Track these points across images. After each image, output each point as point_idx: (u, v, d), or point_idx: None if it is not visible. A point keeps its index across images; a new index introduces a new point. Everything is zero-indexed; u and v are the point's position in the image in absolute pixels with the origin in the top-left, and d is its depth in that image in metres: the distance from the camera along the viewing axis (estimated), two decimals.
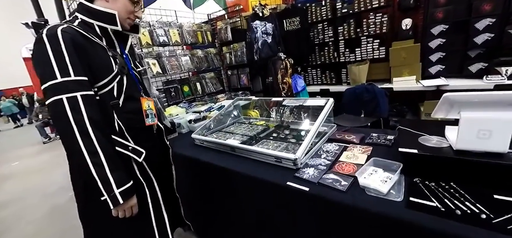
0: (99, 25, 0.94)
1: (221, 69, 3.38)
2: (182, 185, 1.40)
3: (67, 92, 0.80)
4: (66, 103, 0.80)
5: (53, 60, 0.80)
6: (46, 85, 0.80)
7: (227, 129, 1.76)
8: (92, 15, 0.93)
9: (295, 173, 1.05)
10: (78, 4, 0.94)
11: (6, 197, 3.49)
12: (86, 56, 0.87)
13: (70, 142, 0.81)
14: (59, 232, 2.40)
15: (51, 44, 0.81)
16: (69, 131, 0.80)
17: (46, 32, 0.82)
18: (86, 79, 0.85)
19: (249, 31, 2.84)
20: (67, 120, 0.79)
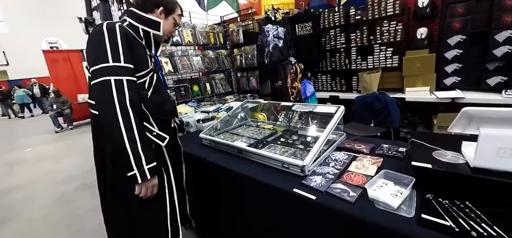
0: (144, 29, 1.08)
1: (231, 71, 3.39)
2: (188, 182, 1.41)
3: (116, 75, 0.91)
4: (113, 84, 0.91)
5: (108, 48, 0.92)
6: (97, 66, 0.91)
7: (235, 130, 1.76)
8: (140, 20, 1.07)
9: (302, 180, 1.03)
10: (129, 10, 1.10)
11: (17, 182, 3.60)
12: (132, 50, 1.00)
13: (111, 117, 0.90)
14: (65, 219, 2.46)
15: (109, 34, 0.94)
16: (112, 108, 0.90)
17: (106, 25, 0.96)
18: (132, 67, 0.98)
19: (260, 34, 2.85)
20: (111, 98, 0.90)
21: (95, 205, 2.62)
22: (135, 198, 1.00)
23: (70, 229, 2.29)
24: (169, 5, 1.13)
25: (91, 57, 0.94)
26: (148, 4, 1.09)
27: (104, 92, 0.90)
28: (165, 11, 1.12)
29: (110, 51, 0.92)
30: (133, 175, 0.93)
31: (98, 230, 2.19)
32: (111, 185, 1.07)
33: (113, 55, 0.92)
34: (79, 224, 2.36)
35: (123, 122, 0.90)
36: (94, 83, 0.92)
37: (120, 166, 0.97)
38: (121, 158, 0.92)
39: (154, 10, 1.10)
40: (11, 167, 4.31)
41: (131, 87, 0.94)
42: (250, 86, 3.24)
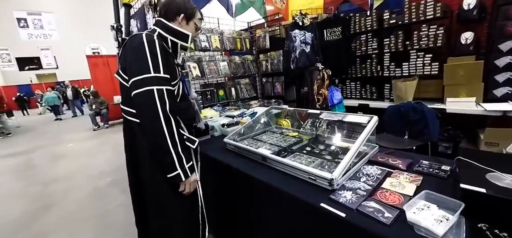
0: (172, 40, 1.13)
1: (256, 76, 3.40)
2: (208, 185, 1.41)
3: (157, 84, 0.98)
4: (156, 93, 0.97)
5: (149, 59, 0.98)
6: (140, 77, 0.97)
7: (259, 136, 1.73)
8: (169, 31, 1.12)
9: (331, 194, 0.96)
10: (158, 21, 1.14)
11: (58, 173, 3.97)
12: (167, 60, 1.05)
13: (155, 124, 0.97)
14: (97, 212, 2.63)
15: (150, 46, 0.99)
16: (156, 115, 0.96)
17: (145, 37, 1.00)
18: (169, 77, 1.04)
19: (287, 40, 2.81)
20: (155, 107, 0.96)
21: (123, 201, 2.77)
22: (174, 196, 1.10)
23: (100, 222, 2.44)
24: (189, 11, 1.17)
25: (133, 68, 0.99)
26: (170, 13, 1.14)
27: (148, 101, 0.96)
28: (185, 17, 1.16)
29: (151, 62, 0.98)
30: (176, 175, 1.02)
31: (125, 227, 2.30)
32: (149, 187, 1.13)
33: (154, 66, 0.98)
34: (109, 218, 2.50)
35: (166, 127, 0.98)
36: (138, 93, 0.97)
37: (161, 168, 1.05)
38: (165, 160, 1.01)
39: (176, 18, 1.14)
40: (55, 159, 4.77)
41: (169, 96, 1.01)
42: (275, 91, 3.20)
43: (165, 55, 1.03)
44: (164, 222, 1.13)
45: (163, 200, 1.11)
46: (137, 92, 0.97)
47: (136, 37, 1.02)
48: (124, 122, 1.15)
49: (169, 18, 1.13)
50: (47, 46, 15.16)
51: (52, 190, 3.34)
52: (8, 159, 5.15)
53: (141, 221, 1.28)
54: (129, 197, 2.66)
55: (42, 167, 4.43)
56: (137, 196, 1.23)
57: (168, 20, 1.12)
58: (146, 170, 1.10)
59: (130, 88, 1.00)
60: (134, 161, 1.15)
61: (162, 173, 1.05)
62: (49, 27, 14.59)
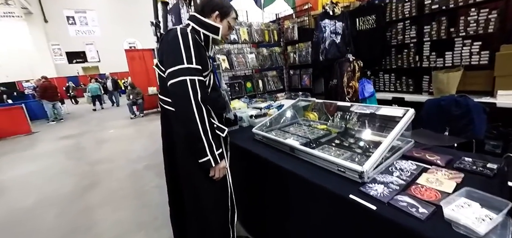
0: (204, 33, 1.19)
1: (283, 68, 3.38)
2: (236, 173, 1.47)
3: (190, 75, 1.05)
4: (188, 83, 1.04)
5: (183, 51, 1.05)
6: (175, 68, 1.05)
7: (287, 128, 1.75)
8: (201, 25, 1.19)
9: (360, 187, 0.95)
10: (192, 16, 1.22)
11: (103, 155, 4.42)
12: (199, 52, 1.11)
13: (188, 112, 1.05)
14: (134, 192, 2.90)
15: (183, 39, 1.07)
16: (189, 103, 1.04)
17: (180, 31, 1.08)
18: (201, 68, 1.10)
19: (316, 30, 2.74)
20: (187, 96, 1.04)
21: (157, 184, 3.00)
22: (205, 180, 1.18)
23: (138, 201, 2.69)
24: (224, 9, 1.23)
25: (169, 59, 1.07)
26: (206, 9, 1.21)
27: (182, 90, 1.04)
28: (220, 15, 1.22)
29: (185, 54, 1.05)
30: (207, 160, 1.10)
31: (158, 206, 2.51)
32: (183, 170, 1.22)
33: (187, 57, 1.05)
34: (145, 198, 2.74)
35: (198, 115, 1.04)
36: (173, 83, 1.05)
37: (193, 153, 1.12)
38: (196, 146, 1.08)
39: (211, 14, 1.21)
40: (100, 143, 5.31)
41: (201, 86, 1.07)
42: (302, 84, 3.16)
43: (198, 47, 1.10)
44: (197, 204, 1.23)
45: (195, 183, 1.20)
46: (172, 82, 1.05)
47: (171, 31, 1.11)
48: (162, 110, 1.25)
49: (204, 14, 1.20)
50: (91, 41, 16.65)
51: (98, 169, 3.75)
52: (62, 141, 5.86)
53: (175, 202, 1.39)
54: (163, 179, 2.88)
55: (89, 149, 4.96)
56: (172, 179, 1.34)
57: (203, 15, 1.19)
58: (180, 155, 1.19)
59: (166, 79, 1.08)
60: (170, 146, 1.25)
61: (194, 158, 1.13)
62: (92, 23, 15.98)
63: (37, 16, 14.78)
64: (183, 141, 1.16)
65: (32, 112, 8.26)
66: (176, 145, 1.21)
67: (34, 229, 2.38)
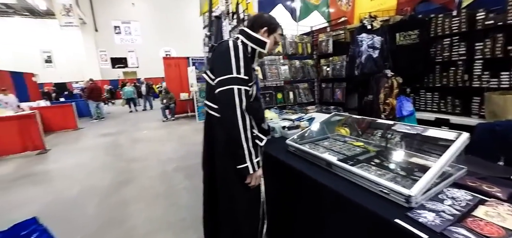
0: (252, 46, 1.27)
1: (315, 81, 3.34)
2: (267, 183, 1.46)
3: (237, 84, 1.11)
4: (235, 92, 1.10)
5: (233, 62, 1.13)
6: (225, 77, 1.12)
7: (320, 142, 1.71)
8: (250, 39, 1.27)
9: (407, 212, 0.89)
10: (242, 30, 1.31)
11: (137, 154, 4.72)
12: (247, 64, 1.18)
13: (232, 119, 1.10)
14: (164, 192, 3.04)
15: (235, 51, 1.15)
16: (234, 111, 1.10)
17: (232, 43, 1.17)
18: (247, 79, 1.16)
19: (353, 44, 2.68)
20: (233, 103, 1.10)
21: (186, 186, 3.11)
22: (241, 186, 1.21)
23: (167, 200, 2.80)
24: (272, 26, 1.30)
25: (220, 68, 1.15)
26: (255, 24, 1.29)
27: (228, 98, 1.10)
28: (268, 30, 1.29)
29: (235, 64, 1.12)
30: (245, 167, 1.14)
31: (186, 207, 2.59)
32: (221, 174, 1.26)
33: (236, 68, 1.12)
34: (174, 198, 2.85)
35: (241, 123, 1.10)
36: (221, 90, 1.12)
37: (232, 159, 1.17)
38: (236, 152, 1.13)
39: (259, 29, 1.28)
40: (135, 142, 5.69)
41: (246, 95, 1.13)
42: (334, 98, 3.09)
43: (246, 59, 1.17)
44: (231, 209, 1.25)
45: (231, 188, 1.23)
46: (220, 90, 1.12)
47: (224, 43, 1.19)
48: (206, 115, 1.32)
49: (253, 29, 1.28)
50: (132, 48, 18.22)
51: (132, 167, 4.01)
52: (102, 138, 6.39)
53: (209, 205, 1.43)
54: (191, 182, 2.99)
55: (125, 147, 5.35)
56: (209, 182, 1.38)
57: (252, 30, 1.27)
58: (219, 158, 1.24)
59: (215, 86, 1.14)
60: (210, 150, 1.31)
61: (233, 164, 1.17)
62: (135, 33, 17.51)
63: (89, 26, 16.62)
64: (223, 146, 1.21)
65: (79, 110, 9.17)
66: (216, 149, 1.25)
67: (77, 216, 2.60)
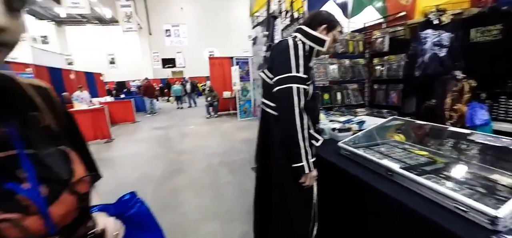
0: (310, 45, 1.24)
1: (365, 82, 3.13)
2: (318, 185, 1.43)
3: (296, 83, 1.11)
4: (294, 90, 1.10)
5: (293, 60, 1.12)
6: (284, 75, 1.13)
7: (376, 147, 1.60)
8: (308, 37, 1.24)
9: (492, 235, 0.77)
10: (300, 28, 1.28)
11: (186, 147, 5.11)
12: (305, 63, 1.17)
13: (291, 117, 1.11)
14: (211, 183, 3.23)
15: (294, 50, 1.14)
16: (292, 109, 1.10)
17: (291, 42, 1.16)
18: (306, 77, 1.16)
19: (414, 41, 2.42)
20: (292, 102, 1.10)
21: (230, 180, 3.25)
22: (295, 185, 1.21)
23: (213, 192, 2.96)
24: (332, 23, 1.26)
25: (279, 67, 1.17)
26: (313, 22, 1.25)
27: (287, 96, 1.11)
28: (327, 28, 1.25)
29: (294, 63, 1.12)
30: (301, 166, 1.13)
31: (231, 201, 2.70)
32: (276, 172, 1.28)
33: (296, 66, 1.12)
34: (219, 190, 3.00)
35: (299, 122, 1.10)
36: (280, 89, 1.13)
37: (288, 157, 1.17)
38: (293, 151, 1.13)
39: (318, 27, 1.24)
40: (183, 136, 6.17)
41: (304, 94, 1.13)
42: (388, 101, 2.84)
43: (304, 58, 1.16)
44: (284, 207, 1.26)
45: (286, 186, 1.24)
46: (279, 88, 1.13)
47: (284, 41, 1.20)
48: (262, 113, 1.35)
49: (311, 27, 1.25)
50: (180, 50, 19.71)
51: (182, 159, 4.36)
52: (155, 131, 7.09)
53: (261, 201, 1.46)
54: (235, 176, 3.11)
55: (175, 140, 5.84)
56: (262, 178, 1.42)
57: (310, 28, 1.25)
58: (275, 156, 1.26)
59: (274, 85, 1.16)
60: (265, 147, 1.34)
61: (287, 162, 1.17)
62: (183, 35, 18.89)
63: (144, 30, 18.57)
64: (279, 144, 1.22)
65: (136, 105, 10.33)
66: (272, 147, 1.28)
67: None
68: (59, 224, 0.42)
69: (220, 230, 2.20)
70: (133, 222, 0.64)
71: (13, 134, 0.43)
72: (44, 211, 0.40)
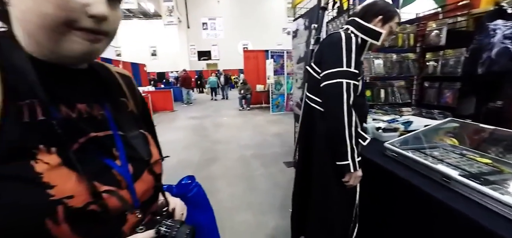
0: (363, 38, 1.17)
1: (414, 79, 2.86)
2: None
3: (347, 78, 1.07)
4: (344, 86, 1.06)
5: (344, 54, 1.08)
6: (333, 70, 1.09)
7: (428, 151, 1.47)
8: (361, 29, 1.16)
9: None
10: (352, 20, 1.21)
11: (220, 137, 5.31)
12: (358, 57, 1.12)
13: (339, 113, 1.06)
14: (243, 174, 3.32)
15: (347, 43, 1.09)
16: (340, 105, 1.06)
17: (344, 35, 1.11)
18: (357, 72, 1.11)
19: (480, 33, 2.12)
20: (340, 98, 1.06)
21: (262, 173, 3.29)
22: (337, 183, 1.18)
23: (246, 183, 3.05)
24: (389, 13, 1.15)
25: (328, 61, 1.12)
26: (368, 13, 1.17)
27: (336, 92, 1.07)
28: (383, 19, 1.15)
29: (345, 57, 1.07)
30: (346, 164, 1.09)
31: (264, 193, 2.75)
32: (318, 168, 1.26)
33: (347, 61, 1.07)
34: (252, 182, 3.07)
35: (347, 118, 1.05)
36: (329, 84, 1.09)
37: (333, 154, 1.14)
38: (339, 148, 1.09)
39: (373, 19, 1.16)
40: (217, 126, 6.43)
41: (354, 90, 1.08)
42: (441, 100, 2.56)
43: (357, 52, 1.11)
44: (325, 206, 1.24)
45: (328, 184, 1.22)
46: (328, 83, 1.10)
47: (335, 34, 1.14)
48: (305, 107, 1.33)
49: (365, 19, 1.18)
50: (216, 43, 20.32)
51: (216, 148, 4.55)
52: (191, 120, 7.50)
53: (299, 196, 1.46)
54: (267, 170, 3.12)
55: (209, 130, 6.11)
56: (303, 173, 1.41)
57: (364, 20, 1.17)
58: (318, 152, 1.24)
59: (321, 79, 1.13)
60: (307, 142, 1.32)
61: (332, 159, 1.14)
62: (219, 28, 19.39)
63: (183, 24, 19.49)
64: (324, 140, 1.19)
65: (174, 95, 11.02)
66: (315, 143, 1.26)
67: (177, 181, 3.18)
68: (140, 200, 0.47)
69: (253, 220, 2.26)
70: (192, 203, 0.69)
71: (109, 116, 0.48)
72: (132, 186, 0.45)
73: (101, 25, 0.39)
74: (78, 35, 0.38)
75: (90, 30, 0.38)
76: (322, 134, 1.20)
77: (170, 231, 0.44)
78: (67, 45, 0.37)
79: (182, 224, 0.45)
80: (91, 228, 0.39)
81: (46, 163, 0.35)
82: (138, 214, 0.45)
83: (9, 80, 0.35)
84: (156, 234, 0.43)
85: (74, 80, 0.45)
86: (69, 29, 0.37)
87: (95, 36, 0.39)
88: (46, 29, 0.35)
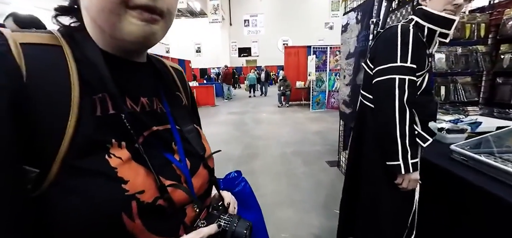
0: (430, 27, 1.05)
1: (483, 74, 2.49)
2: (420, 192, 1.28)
3: (400, 74, 1.00)
4: (397, 82, 1.00)
5: (399, 48, 1.01)
6: (385, 66, 1.03)
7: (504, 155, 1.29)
8: (428, 18, 1.05)
9: None
10: (419, 9, 1.10)
11: (260, 133, 5.41)
12: (417, 50, 1.02)
13: (389, 111, 1.01)
14: (285, 172, 3.33)
15: (402, 36, 1.02)
16: (391, 103, 1.00)
17: (400, 27, 1.04)
18: (415, 67, 1.02)
19: None
20: (392, 95, 1.00)
21: (304, 171, 3.27)
22: (387, 185, 1.11)
23: (288, 180, 3.06)
24: None
25: (381, 56, 1.07)
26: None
27: (388, 89, 1.01)
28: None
29: (400, 51, 1.00)
30: (396, 165, 1.01)
31: (306, 191, 2.74)
32: (367, 168, 1.22)
33: (402, 55, 1.00)
34: (294, 179, 3.08)
35: (399, 116, 0.99)
36: (379, 80, 1.04)
37: (383, 154, 1.08)
38: (389, 147, 1.03)
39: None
40: (257, 122, 6.56)
41: (410, 86, 1.00)
42: None
43: (417, 45, 1.01)
44: (374, 209, 1.19)
45: (377, 185, 1.16)
46: (378, 79, 1.05)
47: (391, 28, 1.08)
48: (359, 105, 1.31)
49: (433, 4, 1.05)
50: (256, 39, 20.61)
51: (257, 143, 4.67)
52: (232, 115, 7.80)
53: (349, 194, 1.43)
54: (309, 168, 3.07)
55: (250, 125, 6.28)
56: (352, 169, 1.38)
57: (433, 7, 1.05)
58: (367, 151, 1.20)
59: (373, 76, 1.08)
60: (359, 140, 1.29)
61: (381, 158, 1.09)
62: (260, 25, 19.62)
63: (226, 22, 20.20)
64: (374, 138, 1.15)
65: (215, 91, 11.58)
66: (366, 141, 1.22)
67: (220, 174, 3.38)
68: (197, 194, 0.46)
69: (297, 217, 2.28)
70: (238, 199, 0.66)
71: (167, 110, 0.48)
72: (190, 181, 0.45)
73: (156, 1, 0.37)
74: (134, 15, 0.36)
75: (146, 8, 0.36)
76: (372, 132, 1.15)
77: (230, 226, 0.43)
78: (125, 27, 0.36)
79: (239, 219, 0.45)
80: (158, 223, 0.39)
81: (118, 158, 0.35)
82: (196, 208, 0.45)
83: (83, 74, 0.36)
84: (218, 228, 0.43)
85: (136, 73, 0.44)
86: (126, 9, 0.36)
87: (150, 15, 0.37)
88: (105, 11, 0.35)
